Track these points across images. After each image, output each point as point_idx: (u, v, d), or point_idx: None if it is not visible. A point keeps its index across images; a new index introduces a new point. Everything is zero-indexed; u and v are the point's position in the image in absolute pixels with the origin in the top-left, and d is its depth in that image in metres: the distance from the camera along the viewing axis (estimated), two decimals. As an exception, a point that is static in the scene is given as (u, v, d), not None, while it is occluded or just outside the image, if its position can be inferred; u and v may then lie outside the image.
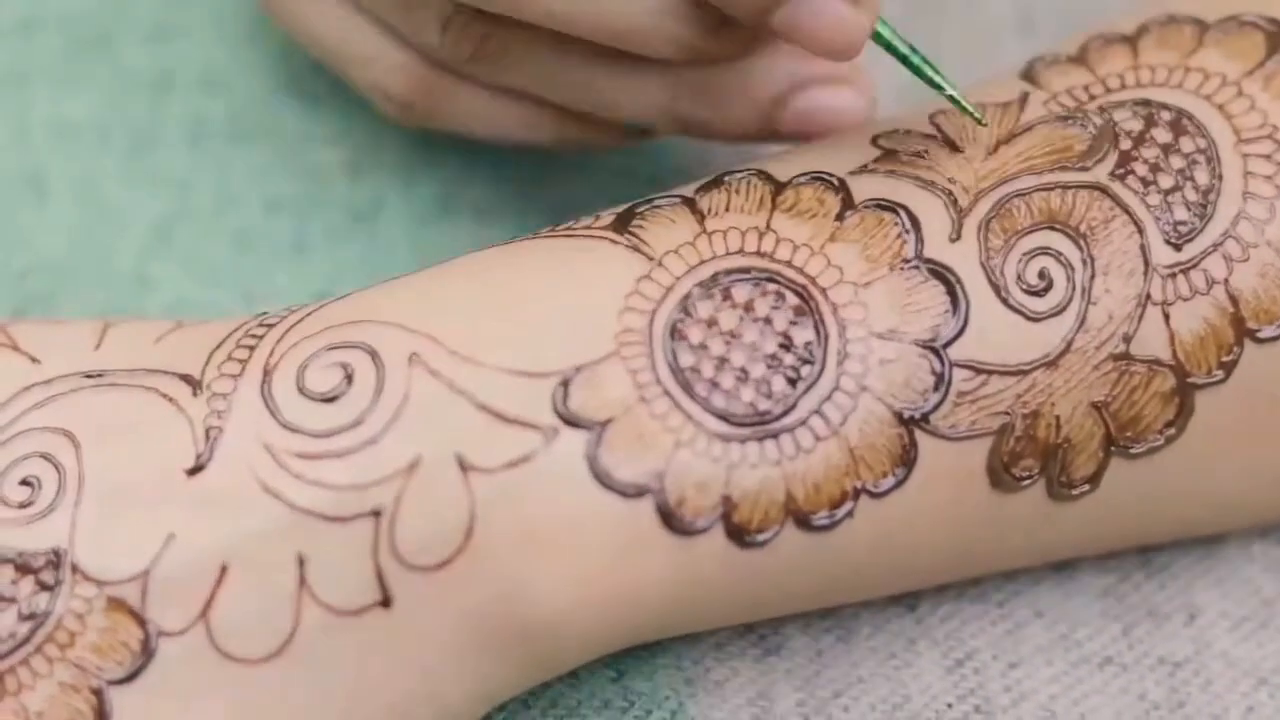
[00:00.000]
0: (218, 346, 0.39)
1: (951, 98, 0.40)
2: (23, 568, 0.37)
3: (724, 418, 0.37)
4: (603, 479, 0.37)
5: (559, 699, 0.41)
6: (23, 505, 0.37)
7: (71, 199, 0.47)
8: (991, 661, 0.42)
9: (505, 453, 0.37)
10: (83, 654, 0.37)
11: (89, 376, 0.39)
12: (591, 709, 0.41)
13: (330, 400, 0.38)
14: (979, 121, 0.39)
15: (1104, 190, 0.39)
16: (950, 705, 0.41)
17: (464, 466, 0.37)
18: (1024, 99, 0.41)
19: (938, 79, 0.40)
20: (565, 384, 0.37)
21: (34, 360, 0.39)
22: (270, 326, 0.39)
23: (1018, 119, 0.40)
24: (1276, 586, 0.43)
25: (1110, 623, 0.42)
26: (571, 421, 0.37)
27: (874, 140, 0.40)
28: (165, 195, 0.47)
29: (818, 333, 0.38)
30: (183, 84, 0.49)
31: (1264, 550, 0.43)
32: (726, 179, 0.40)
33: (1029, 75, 0.41)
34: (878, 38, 0.39)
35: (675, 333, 0.38)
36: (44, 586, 0.37)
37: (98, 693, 0.37)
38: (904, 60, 0.40)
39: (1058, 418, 0.38)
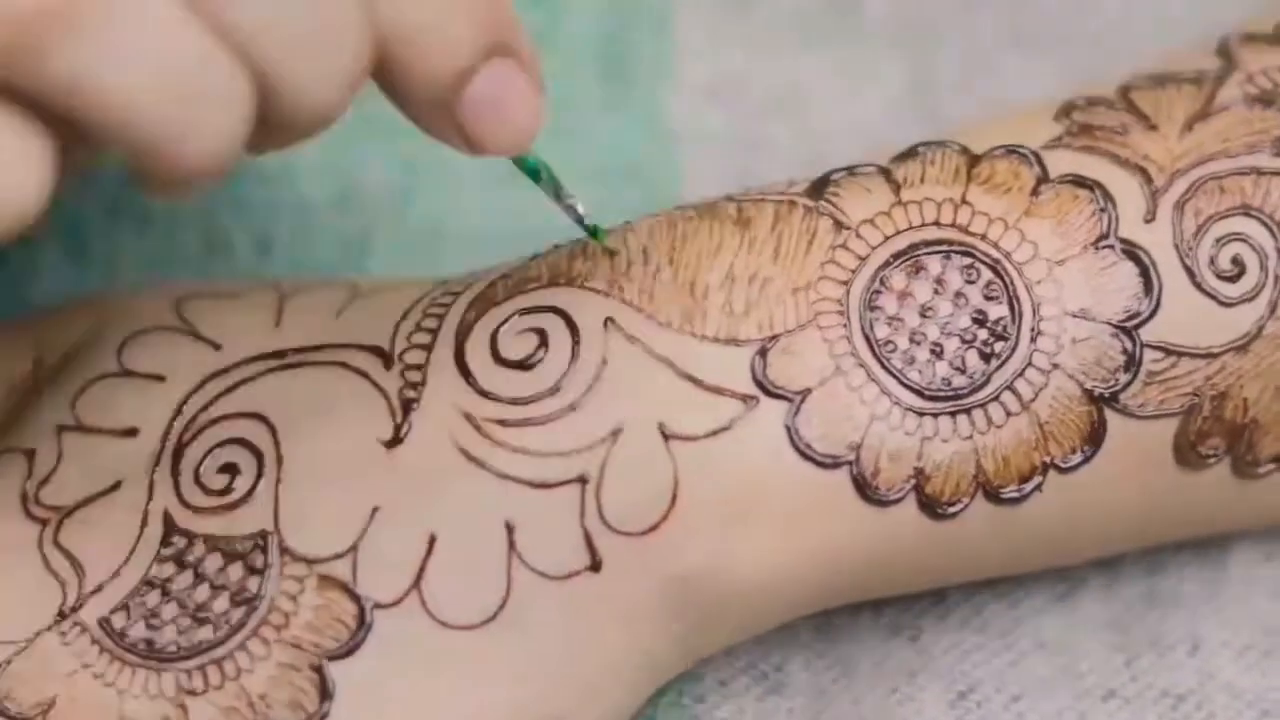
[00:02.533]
0: (403, 317, 0.39)
1: (586, 226, 0.39)
2: (230, 554, 0.37)
3: (918, 391, 0.38)
4: (801, 449, 0.37)
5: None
6: (223, 492, 0.38)
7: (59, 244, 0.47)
8: (994, 694, 0.42)
9: (706, 421, 0.37)
10: (299, 633, 0.37)
11: (275, 357, 0.39)
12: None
13: (526, 367, 0.38)
14: (609, 251, 0.39)
15: None
16: (954, 740, 0.41)
17: (666, 434, 0.37)
18: (1220, 77, 0.40)
19: (567, 200, 0.39)
20: (763, 352, 0.38)
21: (215, 346, 0.39)
22: (456, 294, 0.39)
23: (1213, 97, 0.40)
24: (1280, 614, 0.43)
25: (1113, 654, 0.42)
26: (770, 391, 0.37)
27: (1068, 113, 0.40)
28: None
29: (1012, 309, 0.38)
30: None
31: (1270, 576, 0.43)
32: (921, 149, 0.40)
33: (1224, 51, 0.41)
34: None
35: (871, 304, 0.38)
36: (253, 570, 0.37)
37: (318, 669, 0.37)
38: (534, 177, 0.39)
39: (1245, 399, 0.39)
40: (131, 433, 0.38)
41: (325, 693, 0.37)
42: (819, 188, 0.39)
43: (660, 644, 0.38)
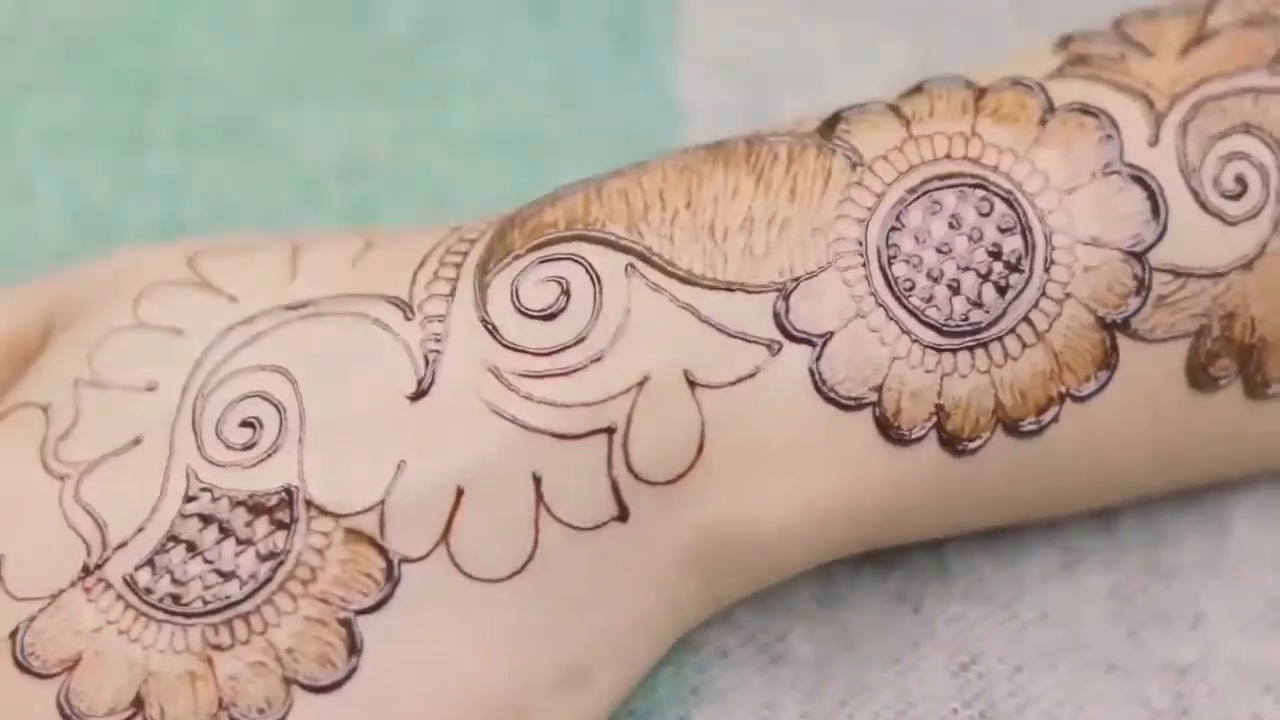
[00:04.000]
0: (421, 265, 0.38)
1: None
2: (255, 509, 0.37)
3: (937, 329, 0.38)
4: (824, 392, 0.38)
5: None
6: (246, 447, 0.37)
7: (60, 203, 0.47)
8: (997, 664, 0.42)
9: (732, 369, 0.37)
10: (326, 587, 0.37)
11: (293, 309, 0.38)
12: None
13: (549, 317, 0.38)
14: None
15: None
16: (956, 710, 0.41)
17: (692, 383, 0.37)
18: (1210, 6, 0.41)
19: None
20: (785, 297, 0.38)
21: (231, 299, 0.39)
22: (472, 241, 0.39)
23: (1205, 23, 0.40)
24: (1285, 586, 0.43)
25: (1115, 625, 0.42)
26: (793, 336, 0.38)
27: (1065, 45, 0.41)
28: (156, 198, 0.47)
29: (1025, 241, 0.38)
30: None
31: (1274, 548, 0.43)
32: (927, 85, 0.40)
33: None
34: None
35: (889, 243, 0.38)
36: (280, 525, 0.37)
37: (346, 624, 0.37)
38: None
39: (1253, 318, 0.39)
40: (150, 386, 0.38)
41: (353, 647, 0.37)
42: (830, 126, 0.39)
43: (686, 594, 0.38)
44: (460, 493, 0.37)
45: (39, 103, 0.48)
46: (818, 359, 0.38)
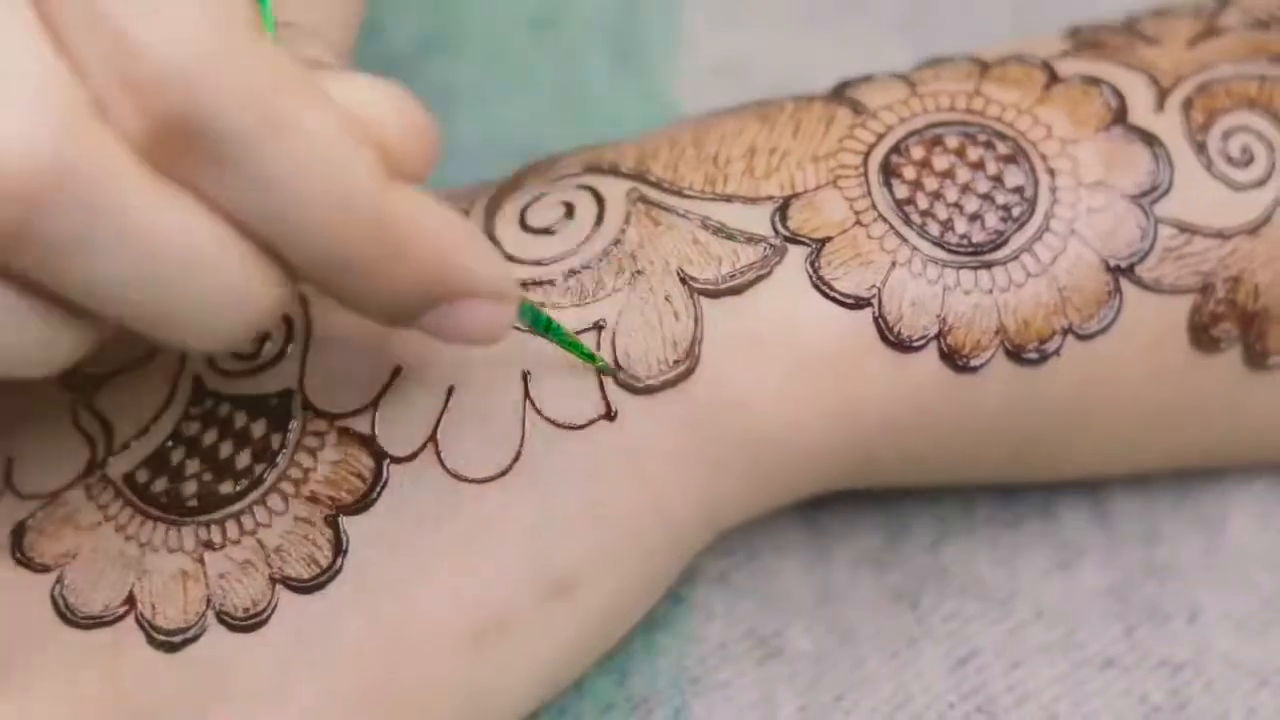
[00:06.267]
0: (445, 197, 0.39)
1: (600, 366, 0.38)
2: (254, 411, 0.38)
3: (939, 244, 0.38)
4: (823, 289, 0.38)
5: (568, 706, 0.41)
6: (252, 356, 0.38)
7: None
8: (994, 661, 0.42)
9: (727, 267, 0.38)
10: (316, 488, 0.37)
11: None
12: (594, 712, 0.41)
13: (550, 233, 0.39)
14: (609, 371, 0.38)
15: None
16: (952, 705, 0.41)
17: (685, 279, 0.38)
18: (1217, 10, 0.41)
19: (584, 349, 0.38)
20: (784, 207, 0.38)
21: None
22: (495, 185, 0.40)
23: (1214, 20, 0.41)
24: (1278, 583, 0.43)
25: (1112, 622, 0.42)
26: (791, 239, 0.38)
27: (1074, 34, 0.41)
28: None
29: (1028, 177, 0.39)
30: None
31: (1269, 546, 0.43)
32: (933, 61, 0.41)
33: None
34: (523, 313, 0.37)
35: (890, 169, 0.39)
36: (276, 427, 0.37)
37: (333, 523, 0.37)
38: (546, 332, 0.37)
39: (1257, 285, 0.40)
40: None
41: (339, 547, 0.37)
42: (839, 89, 0.40)
43: (679, 503, 0.38)
44: (450, 391, 0.37)
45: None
46: (815, 258, 0.38)
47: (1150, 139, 0.39)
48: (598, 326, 0.38)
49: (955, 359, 0.38)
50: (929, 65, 0.41)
